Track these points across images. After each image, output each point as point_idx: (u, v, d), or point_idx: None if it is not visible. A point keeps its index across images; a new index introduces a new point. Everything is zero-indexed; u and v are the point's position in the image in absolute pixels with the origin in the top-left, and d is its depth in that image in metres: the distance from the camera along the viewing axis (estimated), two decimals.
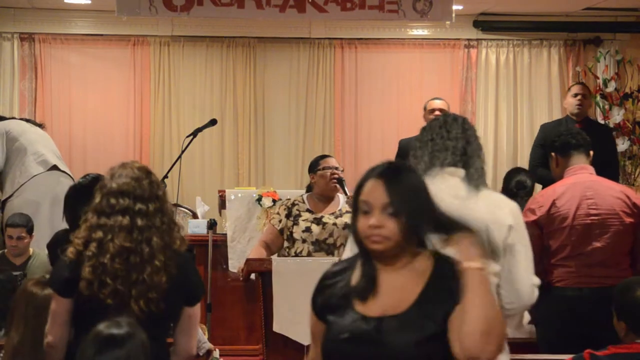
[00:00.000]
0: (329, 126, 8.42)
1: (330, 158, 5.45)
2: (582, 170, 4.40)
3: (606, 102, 8.10)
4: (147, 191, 3.21)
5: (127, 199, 3.19)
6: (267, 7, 6.85)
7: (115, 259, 3.12)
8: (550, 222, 4.32)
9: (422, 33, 8.45)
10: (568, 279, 4.29)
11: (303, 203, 5.40)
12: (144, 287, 3.11)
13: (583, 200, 4.31)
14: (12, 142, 6.77)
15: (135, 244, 3.14)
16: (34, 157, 6.76)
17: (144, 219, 3.17)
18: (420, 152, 3.38)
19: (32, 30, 8.19)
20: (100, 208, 3.21)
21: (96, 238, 3.16)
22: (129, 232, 3.14)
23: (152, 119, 8.31)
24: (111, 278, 3.11)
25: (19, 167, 6.73)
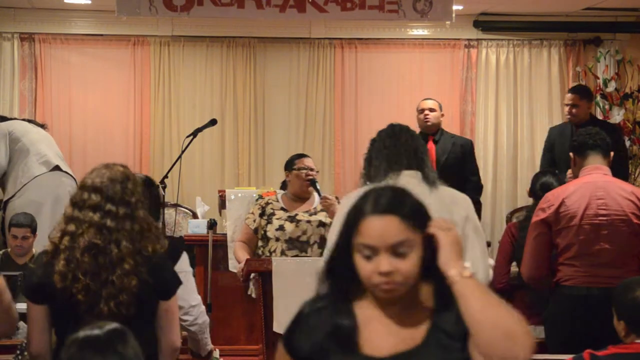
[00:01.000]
0: (329, 126, 8.42)
1: (306, 158, 5.44)
2: (596, 170, 4.39)
3: (606, 102, 8.10)
4: (119, 194, 3.19)
5: (99, 196, 3.18)
6: (267, 7, 6.85)
7: (85, 254, 3.11)
8: (558, 220, 4.31)
9: (422, 33, 8.45)
10: (576, 278, 4.28)
11: (277, 202, 5.41)
12: (114, 288, 3.10)
13: (593, 200, 4.30)
14: (15, 143, 6.77)
15: (104, 243, 3.13)
16: (36, 157, 6.76)
17: (114, 221, 3.15)
18: (377, 161, 3.79)
19: (32, 30, 8.19)
20: (75, 201, 3.21)
21: (69, 231, 3.15)
22: (98, 228, 3.14)
23: (152, 119, 8.30)
24: (82, 273, 3.10)
25: (21, 167, 6.74)
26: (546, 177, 5.41)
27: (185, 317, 3.87)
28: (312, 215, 5.32)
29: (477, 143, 8.38)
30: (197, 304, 3.93)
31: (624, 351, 3.41)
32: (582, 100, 7.06)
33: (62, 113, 8.18)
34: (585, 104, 7.07)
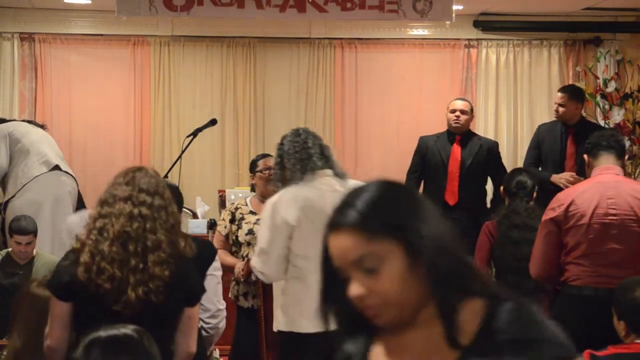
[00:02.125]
0: (329, 126, 8.42)
1: (268, 158, 5.40)
2: (607, 170, 4.39)
3: (606, 102, 8.10)
4: (153, 186, 3.21)
5: (130, 187, 3.19)
6: (267, 7, 6.85)
7: (114, 243, 3.11)
8: (567, 219, 4.31)
9: (422, 33, 8.45)
10: (584, 278, 4.28)
11: (246, 206, 5.37)
12: (145, 275, 3.10)
13: (603, 199, 4.30)
14: (15, 144, 6.77)
15: (137, 230, 3.12)
16: (36, 157, 6.77)
17: (149, 210, 3.16)
18: (289, 164, 4.16)
19: (32, 30, 8.19)
20: (104, 199, 3.21)
21: (97, 227, 3.16)
22: (130, 218, 3.14)
23: (152, 119, 8.30)
24: (108, 262, 3.10)
25: (21, 167, 6.74)
26: (521, 176, 5.41)
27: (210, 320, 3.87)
28: None
29: None
30: (223, 308, 3.93)
31: (624, 351, 3.41)
32: (570, 100, 7.08)
33: (62, 113, 8.18)
34: (573, 104, 7.09)
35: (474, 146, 7.38)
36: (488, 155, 7.38)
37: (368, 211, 1.67)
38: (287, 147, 4.28)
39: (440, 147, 7.47)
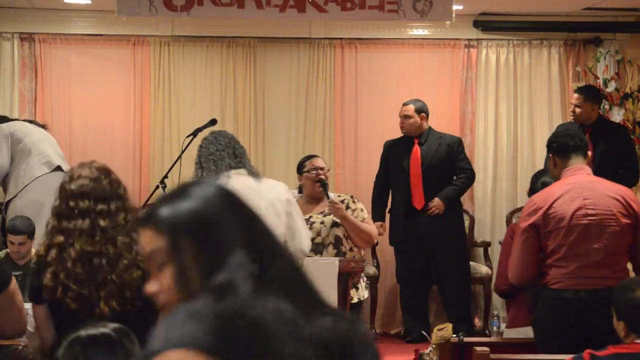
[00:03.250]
0: (329, 126, 8.42)
1: (316, 158, 5.45)
2: (579, 170, 4.40)
3: (606, 102, 8.09)
4: (108, 191, 3.16)
5: (87, 200, 3.15)
6: (267, 7, 6.85)
7: (77, 264, 3.09)
8: (547, 222, 4.31)
9: (422, 33, 8.44)
10: (564, 280, 4.28)
11: None
12: (114, 287, 3.09)
13: (581, 201, 4.31)
14: (17, 143, 6.76)
15: (98, 247, 3.10)
16: (38, 158, 6.76)
17: (107, 219, 3.13)
18: (206, 165, 4.47)
19: (32, 30, 8.19)
20: (60, 211, 3.17)
21: (57, 243, 3.13)
22: (90, 235, 3.11)
23: (152, 119, 8.30)
24: (74, 282, 3.08)
25: (23, 168, 6.73)
26: (546, 177, 5.41)
27: None
28: (326, 216, 5.32)
29: (477, 143, 8.38)
30: None
31: (624, 351, 3.41)
32: (586, 101, 7.09)
33: (62, 113, 8.17)
34: (589, 105, 7.10)
35: (433, 145, 7.45)
36: (448, 152, 7.42)
37: (159, 208, 1.68)
38: (204, 149, 4.63)
39: (402, 151, 7.53)
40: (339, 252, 5.24)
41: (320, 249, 5.26)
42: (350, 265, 5.10)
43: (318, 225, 5.30)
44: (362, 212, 5.41)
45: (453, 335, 4.53)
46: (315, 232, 5.28)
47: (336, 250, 5.24)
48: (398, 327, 8.15)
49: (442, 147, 7.47)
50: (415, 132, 7.51)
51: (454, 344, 4.51)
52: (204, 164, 4.55)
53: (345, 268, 5.04)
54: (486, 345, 4.20)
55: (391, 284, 8.22)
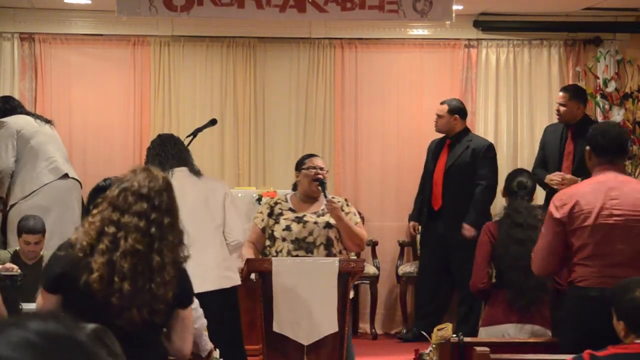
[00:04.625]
0: (329, 126, 8.42)
1: (316, 157, 5.45)
2: (609, 170, 4.37)
3: (606, 102, 8.10)
4: (165, 203, 3.18)
5: (145, 203, 3.16)
6: (267, 7, 6.85)
7: (127, 258, 3.10)
8: (572, 220, 4.30)
9: (422, 33, 8.44)
10: (590, 278, 4.26)
11: (286, 202, 5.41)
12: (149, 296, 3.09)
13: (607, 200, 4.29)
14: (25, 144, 6.71)
15: (147, 250, 3.11)
16: (45, 163, 6.72)
17: (159, 230, 3.14)
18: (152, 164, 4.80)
19: (32, 30, 8.19)
20: (117, 202, 3.17)
21: (109, 232, 3.13)
22: (143, 235, 3.12)
23: (152, 119, 8.30)
24: (119, 277, 3.09)
25: (30, 173, 6.69)
26: (521, 176, 5.43)
27: None
28: (320, 217, 5.32)
29: None
30: (195, 307, 3.96)
31: (624, 351, 3.41)
32: (570, 100, 7.11)
33: (62, 113, 8.17)
34: (574, 104, 7.11)
35: (460, 148, 7.47)
36: (473, 156, 7.42)
37: None
38: (152, 150, 5.25)
39: (435, 151, 7.58)
40: (329, 254, 5.24)
41: (311, 249, 5.25)
42: (350, 265, 5.10)
43: (311, 224, 5.29)
44: (355, 217, 5.40)
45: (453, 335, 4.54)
46: (307, 231, 5.27)
47: (327, 252, 5.24)
48: (398, 327, 8.15)
49: (467, 151, 7.45)
50: (448, 131, 7.52)
51: (454, 344, 4.52)
52: (151, 163, 5.02)
53: (345, 268, 5.04)
54: (486, 345, 4.20)
55: (391, 284, 8.23)
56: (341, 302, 5.02)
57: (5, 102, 6.95)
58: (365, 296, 8.10)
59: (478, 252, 5.29)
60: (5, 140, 6.69)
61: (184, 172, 5.12)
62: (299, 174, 5.44)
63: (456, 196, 7.40)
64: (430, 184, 7.51)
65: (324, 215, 5.31)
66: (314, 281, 5.00)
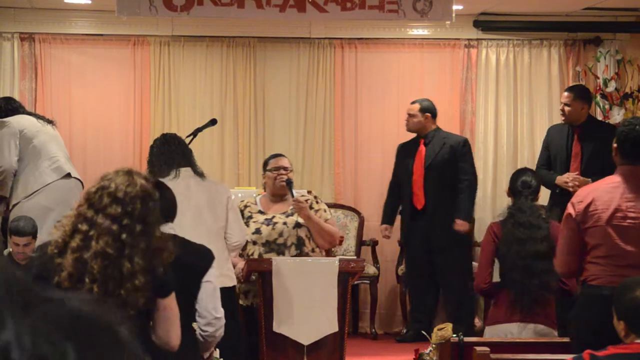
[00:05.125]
0: (329, 126, 8.42)
1: (280, 158, 5.44)
2: (631, 170, 4.35)
3: (606, 102, 8.10)
4: (138, 211, 3.16)
5: (119, 207, 3.15)
6: (267, 7, 6.85)
7: (97, 260, 3.09)
8: (586, 219, 4.28)
9: (422, 33, 8.44)
10: (602, 277, 4.26)
11: (255, 204, 5.40)
12: (119, 302, 3.09)
13: (623, 202, 4.27)
14: (27, 143, 6.70)
15: (117, 254, 3.11)
16: (48, 162, 6.71)
17: (130, 236, 3.13)
18: (158, 163, 5.09)
19: (32, 30, 8.19)
20: (93, 200, 3.17)
21: (82, 230, 3.13)
22: (114, 239, 3.12)
23: (152, 119, 8.30)
24: (89, 278, 3.09)
25: (32, 172, 6.67)
26: (525, 175, 5.43)
27: (207, 328, 3.90)
28: (289, 217, 5.31)
29: (477, 143, 8.38)
30: (220, 317, 3.96)
31: (624, 351, 3.41)
32: (575, 100, 7.11)
33: (62, 113, 8.16)
34: (578, 104, 7.11)
35: (436, 146, 7.50)
36: (451, 153, 7.45)
37: None
38: (156, 149, 5.23)
39: (409, 151, 7.58)
40: (301, 253, 5.24)
41: (282, 250, 5.24)
42: (350, 265, 5.10)
43: (280, 225, 5.29)
44: (325, 213, 5.39)
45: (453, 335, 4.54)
46: (277, 233, 5.26)
47: (298, 251, 5.24)
48: (398, 327, 8.16)
49: (445, 148, 7.49)
50: (420, 131, 7.55)
51: (454, 344, 4.52)
52: (155, 162, 5.13)
53: (345, 268, 5.04)
54: (486, 345, 4.20)
55: (391, 284, 8.23)
56: (341, 302, 5.02)
57: (6, 102, 6.94)
58: (365, 296, 8.10)
59: (482, 252, 5.30)
60: (8, 140, 6.67)
61: (189, 172, 5.13)
62: (265, 175, 5.43)
63: (439, 194, 7.44)
64: (410, 184, 7.50)
65: (293, 215, 5.30)
66: (314, 281, 5.00)
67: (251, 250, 5.24)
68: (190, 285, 3.79)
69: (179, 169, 5.09)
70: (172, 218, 3.97)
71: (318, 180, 8.37)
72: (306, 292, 5.00)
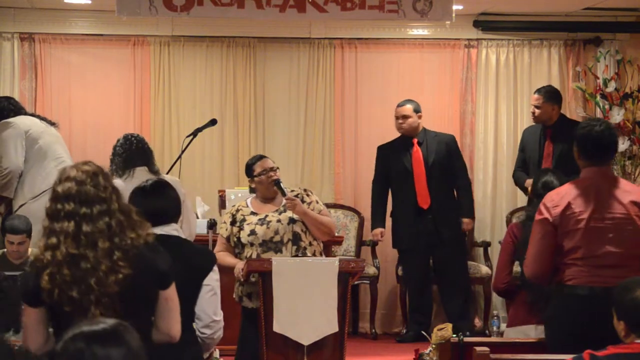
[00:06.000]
0: (329, 126, 8.42)
1: (264, 160, 5.39)
2: (598, 170, 4.35)
3: (606, 102, 8.10)
4: (91, 194, 3.17)
5: (71, 203, 3.16)
6: (267, 7, 6.85)
7: (64, 266, 3.11)
8: (565, 222, 4.28)
9: (422, 33, 8.44)
10: (579, 277, 4.26)
11: (247, 207, 5.37)
12: (98, 292, 3.11)
13: (599, 203, 4.28)
14: (33, 144, 6.68)
15: (83, 250, 3.12)
16: (54, 163, 6.70)
17: (89, 224, 3.14)
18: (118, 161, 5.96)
19: (32, 30, 8.19)
20: (51, 213, 3.20)
21: (50, 245, 3.15)
22: (74, 238, 3.12)
23: (152, 119, 8.30)
24: (65, 286, 3.11)
25: (39, 172, 6.65)
26: (547, 176, 5.41)
27: (205, 330, 3.89)
28: (282, 214, 5.29)
29: (477, 143, 8.39)
30: (219, 319, 3.95)
31: (624, 351, 3.41)
32: (545, 102, 7.19)
33: (62, 113, 8.16)
34: (548, 106, 7.21)
35: (432, 144, 7.53)
36: (447, 150, 7.53)
37: None
38: (118, 149, 5.99)
39: (401, 152, 7.58)
40: (298, 248, 5.22)
41: (279, 248, 5.22)
42: (350, 265, 5.10)
43: (275, 223, 5.26)
44: (318, 205, 5.37)
45: (453, 335, 4.53)
46: (273, 231, 5.24)
47: (295, 246, 5.22)
48: (398, 327, 8.16)
49: (441, 146, 7.55)
50: (414, 131, 7.57)
51: (454, 344, 4.51)
52: (116, 161, 5.95)
53: (345, 268, 5.04)
54: (486, 345, 4.20)
55: (391, 284, 8.23)
56: (341, 302, 5.02)
57: (8, 102, 6.92)
58: (365, 296, 8.10)
59: (501, 253, 5.31)
60: (14, 140, 6.64)
61: (144, 171, 5.82)
62: (252, 181, 5.39)
63: (442, 193, 7.47)
64: (412, 185, 7.49)
65: (286, 212, 5.28)
66: (314, 281, 5.00)
67: (249, 252, 5.22)
68: (192, 286, 3.79)
69: (134, 168, 5.84)
70: (177, 218, 3.96)
71: (318, 180, 8.37)
72: (306, 292, 4.99)
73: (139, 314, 3.13)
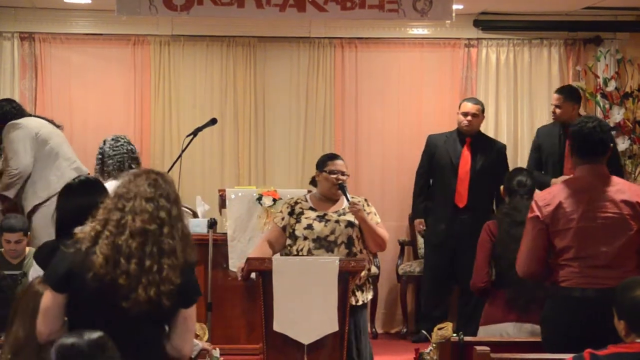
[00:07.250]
0: (329, 126, 8.42)
1: (338, 161, 5.42)
2: (591, 169, 4.36)
3: (606, 101, 8.10)
4: (173, 195, 3.23)
5: (153, 189, 3.20)
6: (267, 6, 6.85)
7: (134, 238, 3.12)
8: (556, 221, 4.28)
9: (422, 32, 8.44)
10: (572, 279, 4.26)
11: (306, 202, 5.41)
12: (157, 277, 3.12)
13: (591, 202, 4.28)
14: (43, 146, 6.66)
15: (155, 232, 3.14)
16: (67, 163, 6.70)
17: (168, 216, 3.19)
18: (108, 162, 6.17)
19: (33, 30, 8.19)
20: (121, 193, 3.22)
21: (114, 219, 3.16)
22: (151, 217, 3.15)
23: (152, 119, 8.30)
24: (125, 257, 3.11)
25: (54, 172, 6.63)
26: (521, 175, 5.43)
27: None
28: (341, 216, 5.32)
29: None
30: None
31: (624, 351, 3.42)
32: (565, 101, 7.17)
33: (62, 112, 8.15)
34: (569, 105, 7.18)
35: (485, 149, 7.48)
36: (497, 157, 7.48)
37: None
38: (107, 149, 6.22)
39: (450, 147, 7.54)
40: (350, 253, 5.23)
41: (332, 247, 5.23)
42: (351, 264, 5.10)
43: (333, 223, 5.28)
44: (376, 217, 5.41)
45: (453, 334, 4.54)
46: (329, 230, 5.26)
47: (347, 250, 5.23)
48: (398, 327, 8.16)
49: (493, 152, 7.50)
50: (473, 131, 7.51)
51: (454, 344, 4.52)
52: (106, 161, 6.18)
53: (345, 267, 5.04)
54: (486, 345, 4.20)
55: (391, 284, 8.23)
56: (341, 301, 5.02)
57: (10, 105, 6.91)
58: None
59: (478, 251, 5.30)
60: (23, 142, 6.62)
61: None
62: (319, 174, 5.42)
63: (482, 194, 7.41)
64: (453, 183, 7.45)
65: (345, 215, 5.31)
66: (314, 280, 5.00)
67: (301, 246, 5.24)
68: None
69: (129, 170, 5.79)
70: None
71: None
72: (306, 292, 4.99)
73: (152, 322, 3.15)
